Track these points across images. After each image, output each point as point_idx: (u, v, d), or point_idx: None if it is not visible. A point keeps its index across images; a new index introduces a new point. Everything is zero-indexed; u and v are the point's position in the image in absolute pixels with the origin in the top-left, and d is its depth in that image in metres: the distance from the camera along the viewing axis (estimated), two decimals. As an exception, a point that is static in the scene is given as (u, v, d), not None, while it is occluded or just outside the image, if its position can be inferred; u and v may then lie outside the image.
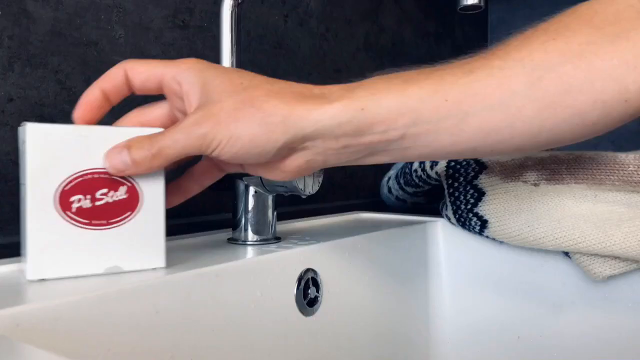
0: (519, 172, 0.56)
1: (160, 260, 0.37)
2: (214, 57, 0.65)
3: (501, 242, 0.58)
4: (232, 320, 0.41)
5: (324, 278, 0.49)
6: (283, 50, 0.76)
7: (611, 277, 0.52)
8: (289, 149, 0.35)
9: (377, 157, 0.37)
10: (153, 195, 0.36)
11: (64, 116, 0.51)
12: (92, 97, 0.37)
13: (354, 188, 0.91)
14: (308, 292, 0.47)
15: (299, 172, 0.37)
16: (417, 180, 0.68)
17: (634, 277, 0.52)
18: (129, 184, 0.35)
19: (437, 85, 0.33)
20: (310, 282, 0.48)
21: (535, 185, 0.54)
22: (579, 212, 0.51)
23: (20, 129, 0.33)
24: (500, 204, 0.55)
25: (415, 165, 0.67)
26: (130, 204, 0.35)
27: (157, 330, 0.35)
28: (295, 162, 0.36)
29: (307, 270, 0.48)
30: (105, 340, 0.32)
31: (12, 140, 0.48)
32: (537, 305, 0.58)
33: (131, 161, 0.34)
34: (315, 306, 0.48)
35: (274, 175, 0.38)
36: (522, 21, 0.36)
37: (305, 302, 0.47)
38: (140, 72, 0.36)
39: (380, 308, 0.56)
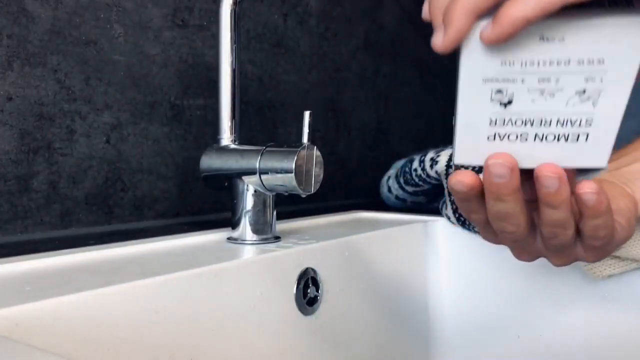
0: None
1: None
2: (214, 56, 0.65)
3: (501, 242, 0.58)
4: (232, 320, 0.41)
5: (323, 277, 0.49)
6: (282, 49, 0.76)
7: (611, 277, 0.52)
8: None
9: None
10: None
11: (63, 115, 0.51)
12: None
13: (354, 187, 0.90)
14: (308, 292, 0.47)
15: None
16: (417, 180, 0.68)
17: (634, 277, 0.52)
18: None
19: None
20: (310, 281, 0.48)
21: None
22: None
23: None
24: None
25: (415, 165, 0.67)
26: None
27: (157, 329, 0.35)
28: None
29: (307, 269, 0.47)
30: (105, 339, 0.32)
31: (12, 140, 0.48)
32: (537, 304, 0.58)
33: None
34: (315, 306, 0.48)
35: None
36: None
37: (304, 301, 0.47)
38: None
39: (380, 307, 0.56)
